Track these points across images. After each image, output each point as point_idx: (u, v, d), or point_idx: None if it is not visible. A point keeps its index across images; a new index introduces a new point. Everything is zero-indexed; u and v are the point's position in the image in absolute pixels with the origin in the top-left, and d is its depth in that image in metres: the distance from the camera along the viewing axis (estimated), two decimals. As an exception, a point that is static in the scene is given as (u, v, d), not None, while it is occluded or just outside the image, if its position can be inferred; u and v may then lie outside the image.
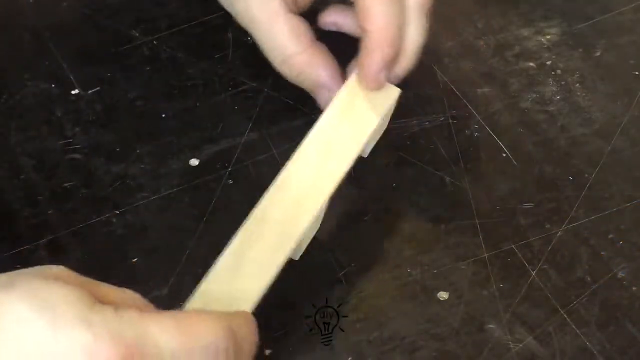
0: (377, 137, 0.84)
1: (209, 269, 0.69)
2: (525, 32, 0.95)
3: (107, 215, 0.77)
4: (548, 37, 0.94)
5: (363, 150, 0.82)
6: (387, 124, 0.85)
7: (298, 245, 0.75)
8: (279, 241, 0.71)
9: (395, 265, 0.77)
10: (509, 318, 0.74)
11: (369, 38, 0.78)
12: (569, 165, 0.84)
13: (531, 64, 0.92)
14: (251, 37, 0.82)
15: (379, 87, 0.81)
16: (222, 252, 0.70)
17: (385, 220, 0.80)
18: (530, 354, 0.72)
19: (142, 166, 0.81)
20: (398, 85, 0.83)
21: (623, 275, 0.77)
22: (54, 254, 0.73)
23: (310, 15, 0.84)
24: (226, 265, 0.70)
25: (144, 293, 0.75)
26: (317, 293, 0.75)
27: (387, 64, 0.80)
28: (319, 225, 0.78)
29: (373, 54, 0.79)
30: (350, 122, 0.79)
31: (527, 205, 0.81)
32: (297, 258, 0.77)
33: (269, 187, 0.75)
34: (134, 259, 0.77)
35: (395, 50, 0.80)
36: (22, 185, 0.79)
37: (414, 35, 0.82)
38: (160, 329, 0.55)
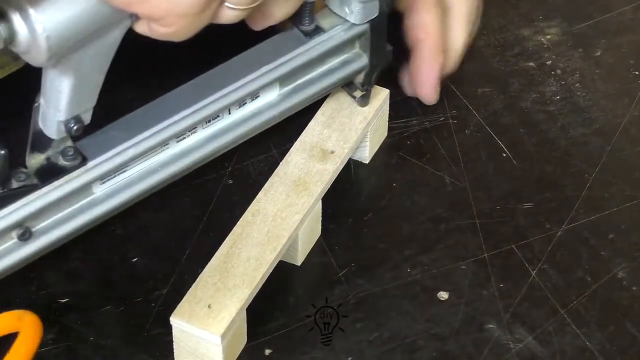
0: (378, 143, 0.84)
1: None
2: (525, 32, 0.95)
3: (107, 215, 0.77)
4: (548, 37, 0.94)
5: (362, 156, 0.83)
6: (385, 127, 0.85)
7: (299, 250, 0.76)
8: (269, 239, 0.73)
9: (395, 265, 0.77)
10: (509, 318, 0.74)
11: (423, 47, 0.84)
12: (569, 165, 0.84)
13: (531, 64, 0.92)
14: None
15: (434, 94, 0.85)
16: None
17: (385, 220, 0.80)
18: (530, 354, 0.72)
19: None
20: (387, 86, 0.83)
21: (623, 275, 0.77)
22: (54, 253, 0.73)
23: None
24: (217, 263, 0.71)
25: (145, 292, 0.75)
26: (317, 293, 0.75)
27: (441, 70, 0.85)
28: (319, 230, 0.78)
29: (430, 61, 0.84)
30: (339, 124, 0.80)
31: (527, 205, 0.81)
32: (299, 263, 0.77)
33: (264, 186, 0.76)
34: (134, 259, 0.77)
35: (443, 56, 0.85)
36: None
37: (457, 41, 0.86)
38: None
